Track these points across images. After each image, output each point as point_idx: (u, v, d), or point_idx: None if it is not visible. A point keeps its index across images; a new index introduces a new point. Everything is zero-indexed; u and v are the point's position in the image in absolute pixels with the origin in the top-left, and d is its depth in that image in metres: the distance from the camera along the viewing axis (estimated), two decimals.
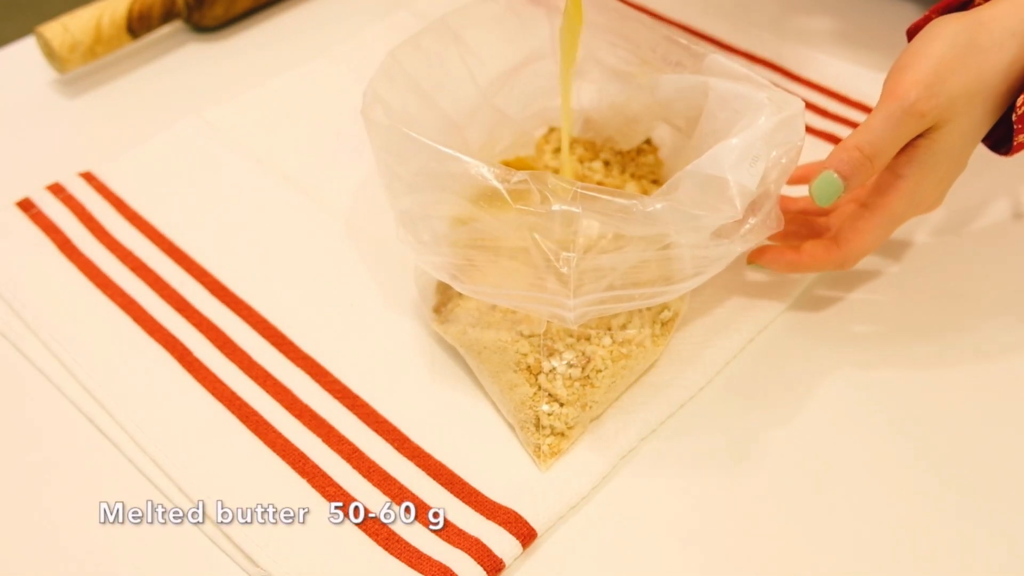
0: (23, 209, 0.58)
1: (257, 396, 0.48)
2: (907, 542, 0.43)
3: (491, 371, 0.47)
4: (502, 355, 0.46)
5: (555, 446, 0.45)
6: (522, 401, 0.45)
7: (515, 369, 0.46)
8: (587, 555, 0.43)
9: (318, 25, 0.73)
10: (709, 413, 0.48)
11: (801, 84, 0.65)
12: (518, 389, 0.45)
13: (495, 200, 0.41)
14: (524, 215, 0.41)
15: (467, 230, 0.44)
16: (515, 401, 0.46)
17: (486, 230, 0.43)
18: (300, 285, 0.54)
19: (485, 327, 0.46)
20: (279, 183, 0.60)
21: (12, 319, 0.52)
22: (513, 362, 0.46)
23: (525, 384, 0.45)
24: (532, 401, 0.45)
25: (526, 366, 0.45)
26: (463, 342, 0.47)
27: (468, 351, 0.47)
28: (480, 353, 0.47)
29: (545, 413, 0.45)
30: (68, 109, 0.67)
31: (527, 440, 0.46)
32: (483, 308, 0.48)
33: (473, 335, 0.47)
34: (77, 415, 0.48)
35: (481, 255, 0.44)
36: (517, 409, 0.46)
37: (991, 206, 0.58)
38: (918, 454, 0.46)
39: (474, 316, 0.47)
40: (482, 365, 0.47)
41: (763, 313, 0.52)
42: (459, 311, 0.48)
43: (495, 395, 0.47)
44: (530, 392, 0.45)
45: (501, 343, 0.46)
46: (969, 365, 0.50)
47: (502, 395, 0.46)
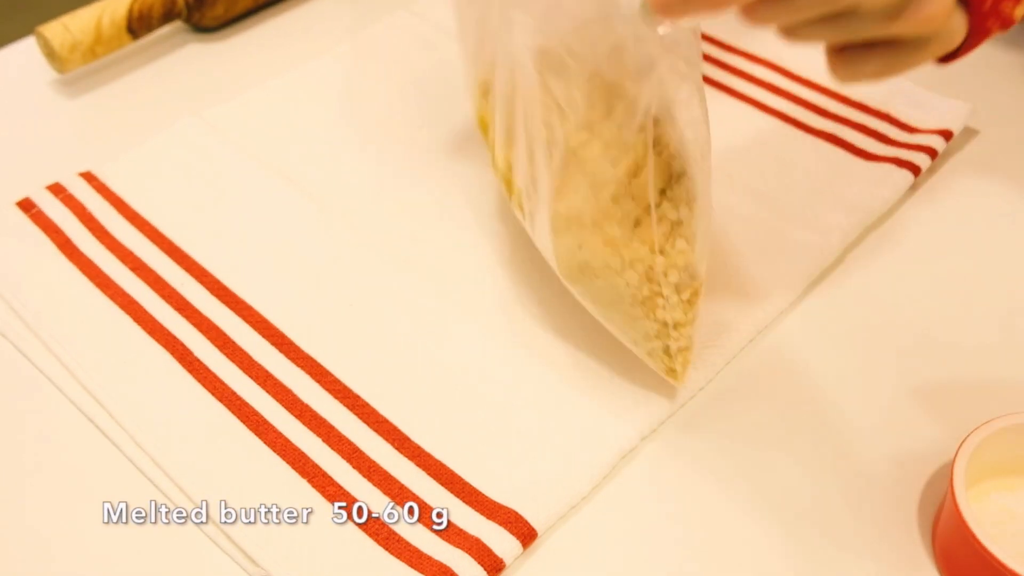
0: (23, 209, 0.58)
1: (257, 396, 0.48)
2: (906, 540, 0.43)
3: (604, 303, 0.47)
4: (613, 291, 0.46)
5: (685, 361, 0.47)
6: (645, 335, 0.46)
7: (631, 303, 0.46)
8: (587, 555, 0.43)
9: (318, 25, 0.73)
10: (709, 413, 0.48)
11: (801, 84, 0.65)
12: (639, 323, 0.46)
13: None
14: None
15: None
16: (638, 333, 0.46)
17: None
18: (300, 285, 0.54)
19: (590, 249, 0.45)
20: (279, 183, 0.60)
21: (12, 319, 0.52)
22: (628, 296, 0.46)
23: (644, 319, 0.46)
24: (658, 333, 0.46)
25: (641, 300, 0.45)
26: (572, 265, 0.46)
27: (578, 278, 0.47)
28: (591, 283, 0.46)
29: (673, 339, 0.46)
30: (68, 109, 0.67)
31: (656, 366, 0.47)
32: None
33: (583, 257, 0.46)
34: (77, 415, 0.48)
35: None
36: (642, 340, 0.47)
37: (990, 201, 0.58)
38: (920, 452, 0.46)
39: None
40: (596, 297, 0.47)
41: (763, 313, 0.52)
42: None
43: (610, 322, 0.47)
44: (654, 327, 0.46)
45: (611, 279, 0.45)
46: (972, 363, 0.50)
47: (623, 325, 0.47)
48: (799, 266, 0.54)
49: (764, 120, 0.63)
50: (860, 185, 0.58)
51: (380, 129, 0.64)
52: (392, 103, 0.65)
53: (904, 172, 0.58)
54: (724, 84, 0.66)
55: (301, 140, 0.63)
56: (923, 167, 0.58)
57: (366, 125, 0.64)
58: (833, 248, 0.55)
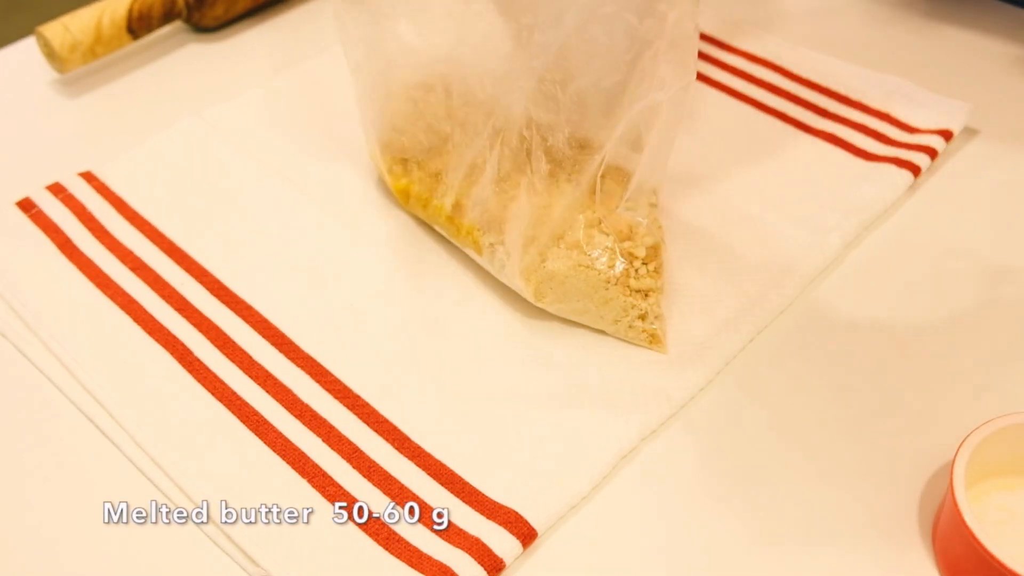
0: (23, 209, 0.58)
1: (257, 396, 0.48)
2: (906, 540, 0.43)
3: (577, 298, 0.49)
4: (586, 283, 0.49)
5: (662, 329, 0.50)
6: (624, 309, 0.49)
7: (606, 286, 0.48)
8: (587, 555, 0.43)
9: (318, 25, 0.73)
10: (709, 413, 0.48)
11: (801, 84, 0.65)
12: (614, 302, 0.49)
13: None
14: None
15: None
16: (616, 311, 0.49)
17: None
18: (300, 285, 0.54)
19: (556, 259, 0.49)
20: (279, 183, 0.60)
21: (12, 319, 0.52)
22: (606, 282, 0.48)
23: (621, 296, 0.49)
24: (632, 303, 0.49)
25: (616, 279, 0.48)
26: (542, 277, 0.49)
27: (547, 285, 0.50)
28: (563, 284, 0.49)
29: (650, 305, 0.49)
30: (68, 109, 0.67)
31: (637, 337, 0.50)
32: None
33: (551, 268, 0.49)
34: (78, 415, 0.48)
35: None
36: (621, 316, 0.49)
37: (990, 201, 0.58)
38: (920, 452, 0.46)
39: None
40: (568, 297, 0.50)
41: (763, 313, 0.52)
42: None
43: (585, 316, 0.50)
44: (630, 300, 0.49)
45: (583, 270, 0.48)
46: (972, 363, 0.50)
47: (597, 311, 0.50)
48: (799, 266, 0.54)
49: (764, 120, 0.63)
50: (860, 185, 0.58)
51: None
52: None
53: (904, 172, 0.58)
54: (724, 84, 0.66)
55: (301, 140, 0.63)
56: (923, 167, 0.58)
57: None
58: (833, 248, 0.55)
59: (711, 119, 0.63)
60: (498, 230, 0.50)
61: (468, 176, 0.51)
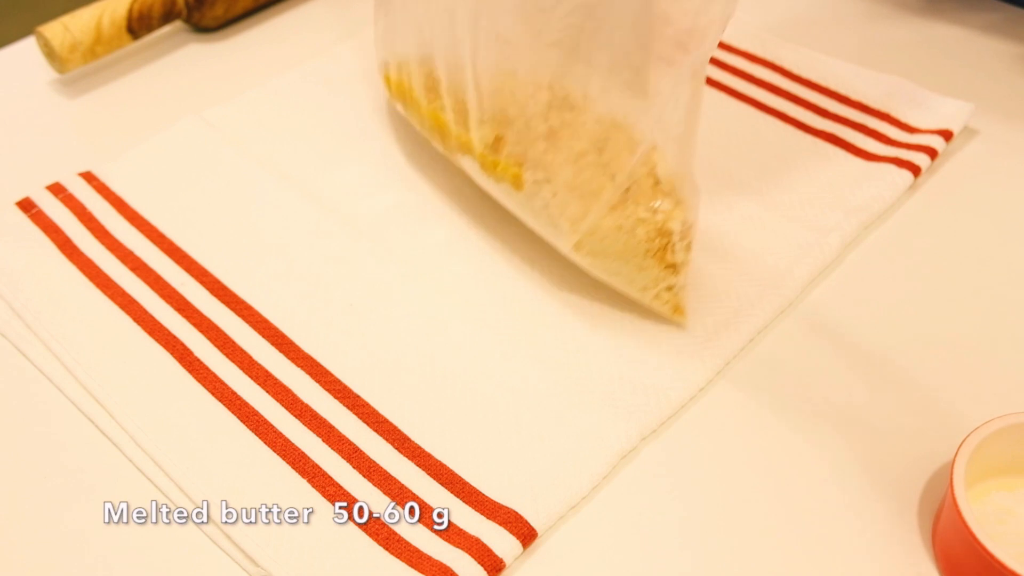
0: (23, 209, 0.58)
1: (257, 396, 0.48)
2: (906, 540, 0.43)
3: (613, 258, 0.50)
4: (624, 247, 0.49)
5: (685, 299, 0.51)
6: (654, 280, 0.50)
7: (643, 255, 0.49)
8: (587, 555, 0.43)
9: (318, 25, 0.73)
10: (709, 413, 0.48)
11: (801, 84, 0.65)
12: (646, 272, 0.50)
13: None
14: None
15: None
16: (647, 279, 0.50)
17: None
18: (300, 285, 0.54)
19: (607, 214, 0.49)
20: (279, 183, 0.60)
21: (12, 319, 0.52)
22: (644, 252, 0.49)
23: (656, 267, 0.49)
24: (663, 276, 0.50)
25: (654, 252, 0.49)
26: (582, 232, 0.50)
27: (589, 237, 0.50)
28: (603, 240, 0.50)
29: (678, 278, 0.50)
30: (68, 109, 0.67)
31: (662, 307, 0.51)
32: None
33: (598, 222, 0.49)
34: (78, 415, 0.48)
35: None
36: (650, 285, 0.50)
37: (990, 201, 0.58)
38: (920, 452, 0.46)
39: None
40: (605, 254, 0.50)
41: (762, 313, 0.52)
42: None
43: (616, 277, 0.51)
44: (662, 273, 0.50)
45: (626, 234, 0.49)
46: (972, 363, 0.50)
47: (629, 275, 0.50)
48: (799, 266, 0.54)
49: (764, 120, 0.63)
50: (860, 185, 0.58)
51: (381, 128, 0.64)
52: (392, 102, 0.65)
53: (904, 172, 0.58)
54: (724, 84, 0.66)
55: (301, 140, 0.63)
56: (923, 167, 0.58)
57: (366, 125, 0.64)
58: (833, 248, 0.55)
59: (711, 119, 0.63)
60: (545, 168, 0.49)
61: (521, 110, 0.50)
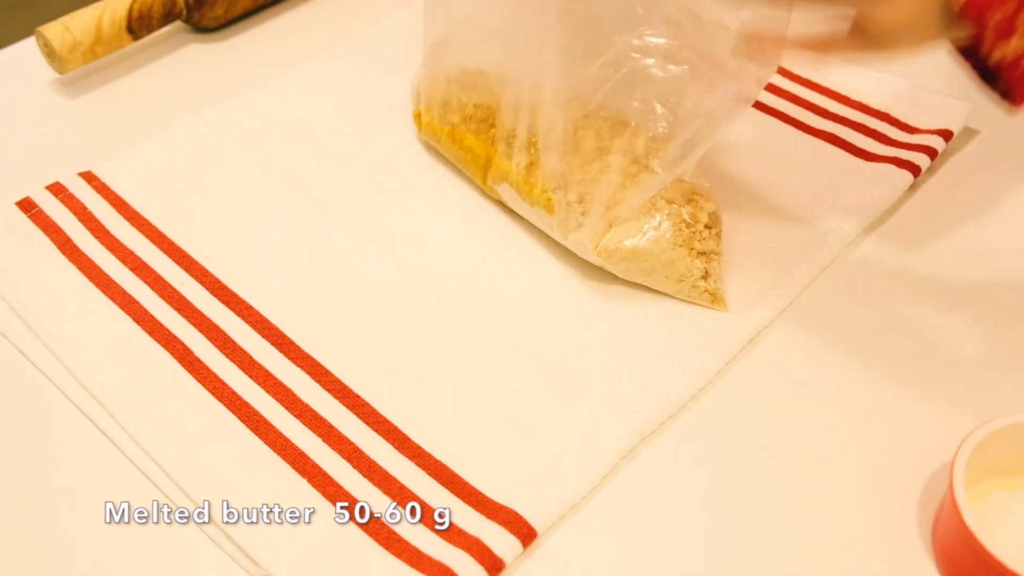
0: (23, 209, 0.58)
1: (257, 396, 0.48)
2: (906, 540, 0.43)
3: (646, 255, 0.51)
4: (654, 243, 0.51)
5: (723, 288, 0.52)
6: (688, 270, 0.51)
7: (674, 247, 0.51)
8: (587, 555, 0.43)
9: (318, 25, 0.73)
10: (709, 413, 0.48)
11: (801, 84, 0.65)
12: (678, 264, 0.51)
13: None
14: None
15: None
16: (681, 271, 0.51)
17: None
18: (300, 285, 0.54)
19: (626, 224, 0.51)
20: (279, 183, 0.60)
21: (12, 319, 0.52)
22: (673, 244, 0.51)
23: (686, 256, 0.51)
24: (697, 264, 0.51)
25: (683, 242, 0.51)
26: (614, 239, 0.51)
27: (617, 246, 0.51)
28: (633, 252, 0.51)
29: (712, 265, 0.52)
30: (68, 109, 0.67)
31: (700, 296, 0.52)
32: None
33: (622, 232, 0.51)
34: (78, 415, 0.48)
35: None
36: (686, 276, 0.51)
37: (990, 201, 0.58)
38: (920, 452, 0.46)
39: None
40: (636, 257, 0.51)
41: (763, 313, 0.52)
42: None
43: (651, 276, 0.52)
44: (694, 261, 0.51)
45: (650, 232, 0.51)
46: (972, 362, 0.50)
47: (663, 271, 0.51)
48: (799, 266, 0.54)
49: (764, 120, 0.63)
50: (860, 185, 0.58)
51: (381, 129, 0.64)
52: (393, 102, 0.65)
53: (904, 172, 0.58)
54: None
55: (301, 140, 0.63)
56: (923, 167, 0.59)
57: (367, 125, 0.64)
58: (833, 248, 0.55)
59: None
60: (575, 189, 0.52)
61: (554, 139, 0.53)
